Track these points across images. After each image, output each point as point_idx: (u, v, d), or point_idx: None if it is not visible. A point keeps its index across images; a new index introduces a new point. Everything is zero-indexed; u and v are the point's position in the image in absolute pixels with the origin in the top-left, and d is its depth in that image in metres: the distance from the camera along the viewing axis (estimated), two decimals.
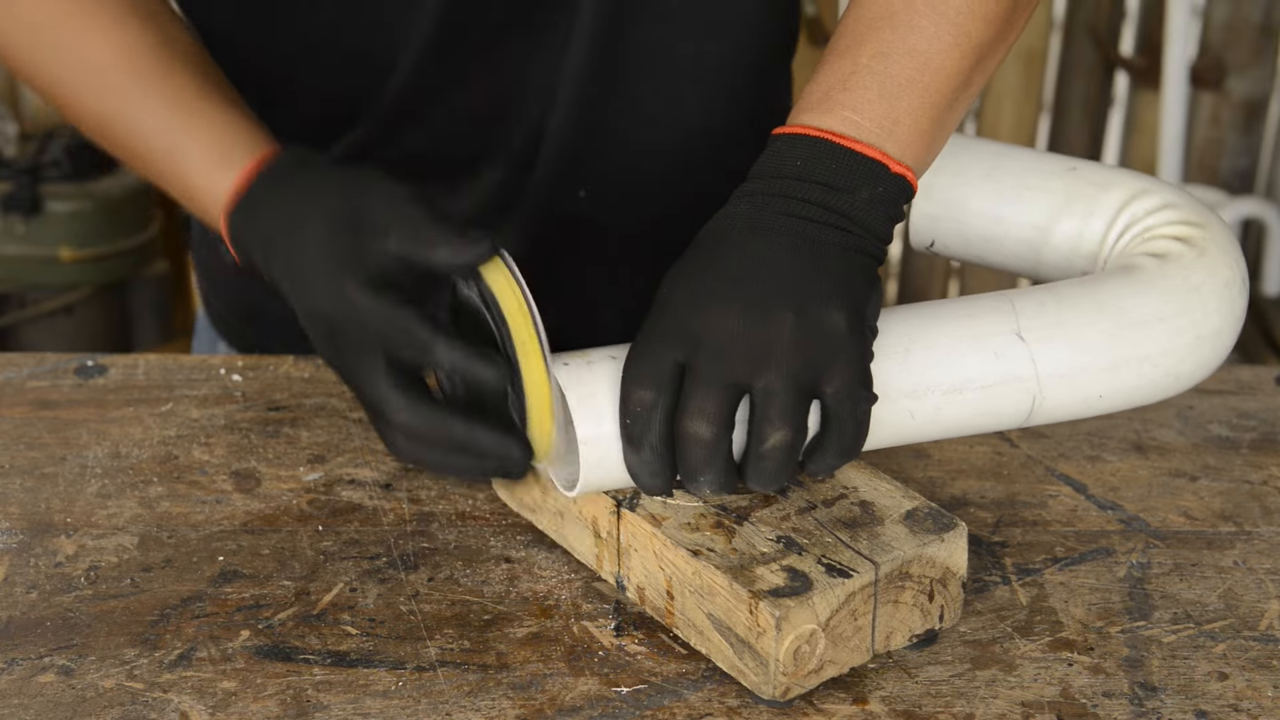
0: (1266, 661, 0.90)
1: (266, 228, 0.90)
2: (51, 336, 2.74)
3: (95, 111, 1.00)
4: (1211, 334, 0.94)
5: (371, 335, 0.84)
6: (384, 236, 0.85)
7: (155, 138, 0.97)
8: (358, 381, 0.85)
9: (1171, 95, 2.79)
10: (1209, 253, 0.96)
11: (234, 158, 0.93)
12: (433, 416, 0.84)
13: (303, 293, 0.87)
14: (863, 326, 0.85)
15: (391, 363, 0.84)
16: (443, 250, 0.84)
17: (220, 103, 0.97)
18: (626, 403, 0.84)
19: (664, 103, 1.15)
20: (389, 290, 0.84)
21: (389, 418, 0.84)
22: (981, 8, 0.91)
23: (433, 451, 0.85)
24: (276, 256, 0.89)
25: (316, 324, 0.87)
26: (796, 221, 0.86)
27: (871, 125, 0.88)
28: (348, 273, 0.84)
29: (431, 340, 0.83)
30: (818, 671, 0.86)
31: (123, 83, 0.98)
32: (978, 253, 1.07)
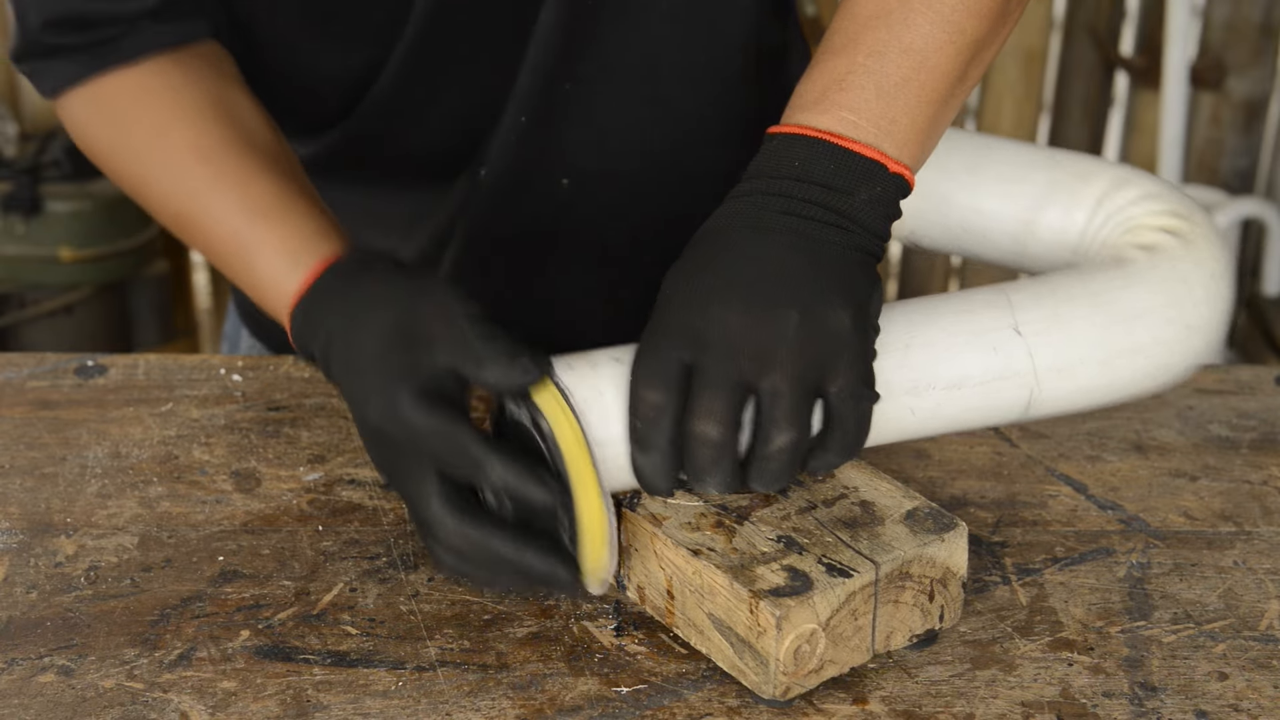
0: (1266, 661, 0.90)
1: (326, 331, 0.90)
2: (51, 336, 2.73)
3: (172, 204, 1.01)
4: (1201, 324, 0.95)
5: (423, 451, 0.84)
6: (436, 349, 0.85)
7: (229, 235, 0.98)
8: (409, 496, 0.85)
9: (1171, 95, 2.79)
10: (1196, 244, 0.97)
11: (304, 256, 0.94)
12: (480, 532, 0.83)
13: (358, 403, 0.87)
14: (866, 325, 0.85)
15: (444, 479, 0.84)
16: (493, 370, 0.84)
17: (295, 201, 0.97)
18: (635, 405, 0.84)
19: (652, 103, 1.15)
20: (442, 404, 0.84)
21: (435, 531, 0.84)
22: (975, 3, 0.91)
23: (480, 570, 0.85)
24: (334, 360, 0.89)
25: (371, 435, 0.87)
26: (796, 220, 0.86)
27: (869, 125, 0.88)
28: (400, 386, 0.84)
29: (484, 458, 0.83)
30: (818, 671, 0.86)
31: (199, 182, 0.99)
32: (962, 245, 1.07)
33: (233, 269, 0.99)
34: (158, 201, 1.02)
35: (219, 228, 0.98)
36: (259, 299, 0.98)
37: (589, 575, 0.85)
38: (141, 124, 1.01)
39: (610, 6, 1.10)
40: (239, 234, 0.97)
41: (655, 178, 1.17)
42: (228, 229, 0.98)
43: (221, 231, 0.98)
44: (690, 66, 1.14)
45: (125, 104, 1.02)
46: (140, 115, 1.01)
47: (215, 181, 0.98)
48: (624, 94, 1.14)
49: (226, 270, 1.01)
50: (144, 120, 1.01)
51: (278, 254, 0.95)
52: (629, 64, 1.13)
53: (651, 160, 1.17)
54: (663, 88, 1.15)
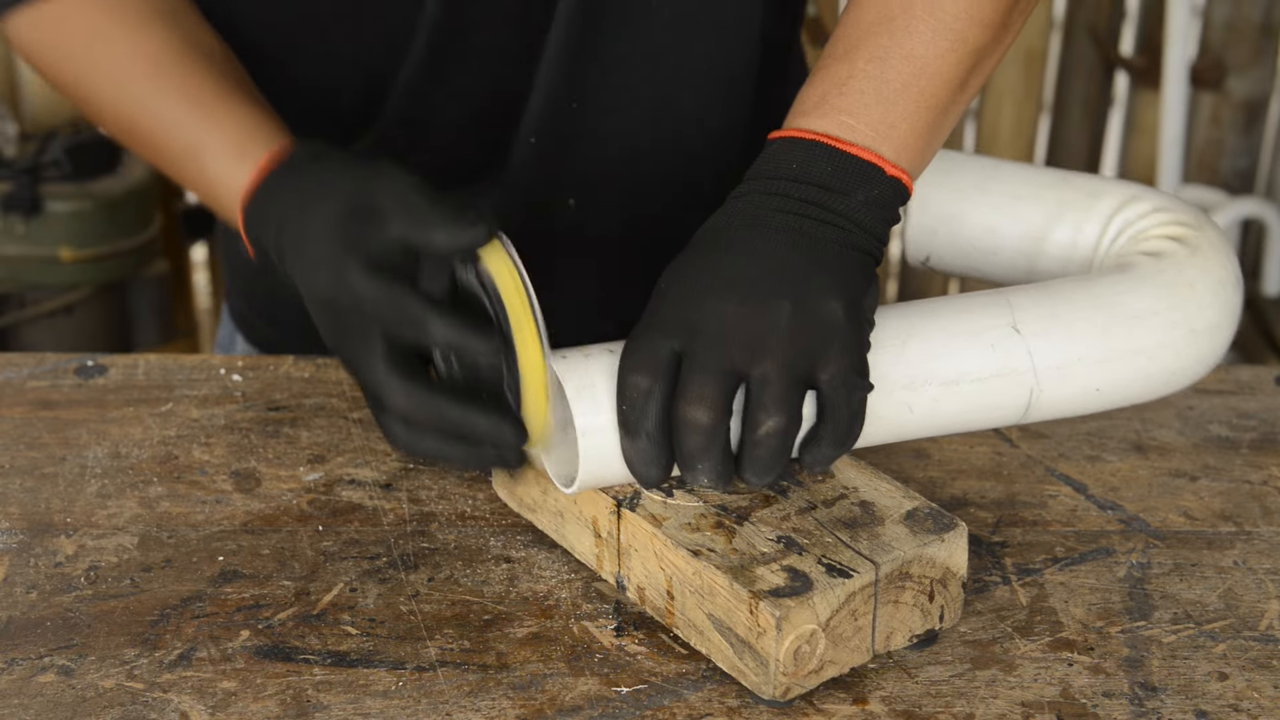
0: (1266, 661, 0.90)
1: (277, 217, 0.91)
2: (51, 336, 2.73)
3: (119, 113, 1.02)
4: (1207, 329, 0.94)
5: (370, 316, 0.85)
6: (385, 221, 0.86)
7: (176, 136, 0.99)
8: (358, 366, 0.86)
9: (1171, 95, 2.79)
10: (1202, 250, 0.97)
11: (251, 152, 0.95)
12: (429, 398, 0.84)
13: (308, 278, 0.88)
14: (859, 316, 0.85)
15: (391, 346, 0.84)
16: (440, 232, 0.85)
17: (240, 100, 0.99)
18: (623, 390, 0.85)
19: (657, 104, 1.15)
20: (389, 273, 0.85)
21: (386, 401, 0.85)
22: (978, 12, 0.91)
23: (428, 437, 0.85)
24: (285, 244, 0.90)
25: (321, 310, 0.88)
26: (794, 219, 0.86)
27: (867, 129, 0.88)
28: (349, 257, 0.85)
29: (426, 315, 0.84)
30: (818, 671, 0.86)
31: (145, 83, 1.00)
32: (973, 264, 1.08)
33: (184, 172, 1.00)
34: (107, 112, 1.03)
35: (166, 131, 1.00)
36: (211, 200, 0.99)
37: (533, 433, 0.86)
38: (84, 35, 1.02)
39: (612, 19, 1.10)
40: (185, 136, 0.98)
41: (659, 187, 1.17)
42: (174, 132, 0.99)
43: (168, 135, 1.00)
44: (694, 75, 1.14)
45: (69, 18, 1.02)
46: (83, 27, 1.02)
47: (159, 86, 1.00)
48: (628, 107, 1.14)
49: (178, 175, 1.01)
50: (87, 31, 1.02)
51: (225, 149, 0.96)
52: (633, 77, 1.13)
53: (656, 170, 1.17)
54: (667, 98, 1.15)
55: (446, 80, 1.10)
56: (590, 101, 1.12)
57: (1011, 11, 0.93)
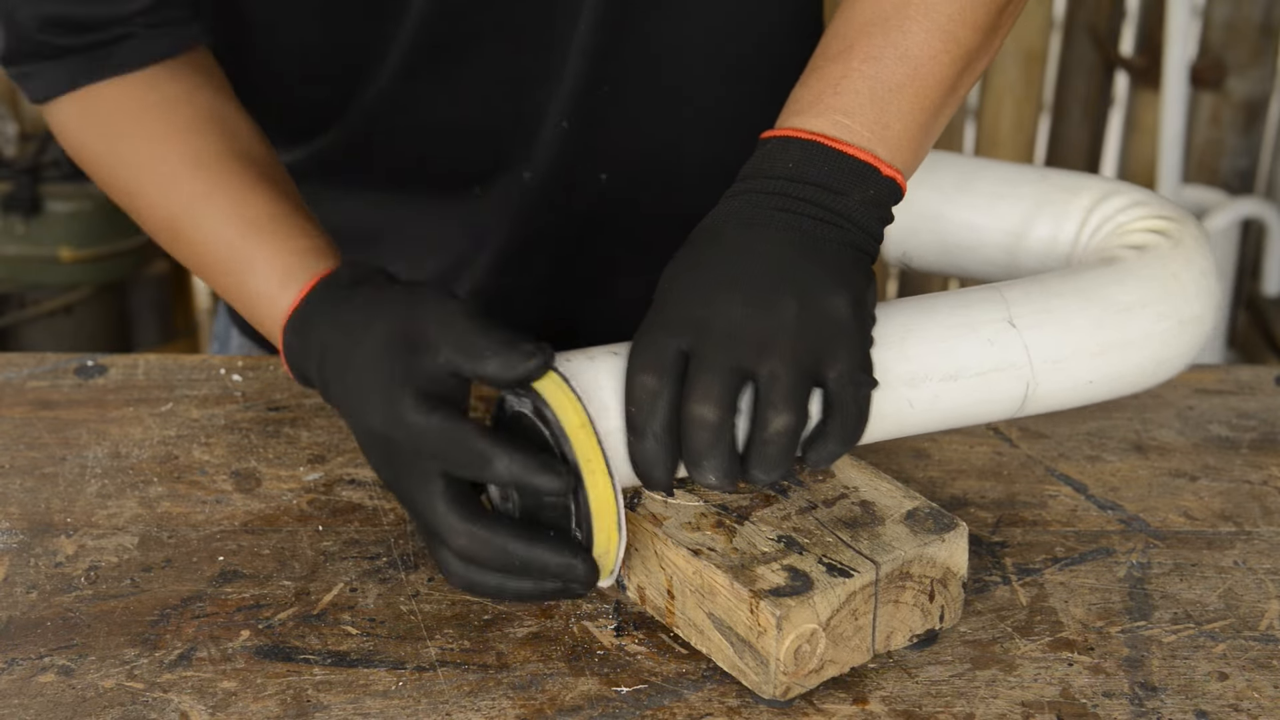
0: (1266, 661, 0.90)
1: (320, 345, 0.89)
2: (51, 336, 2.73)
3: (163, 215, 1.00)
4: (1192, 319, 0.96)
5: (427, 453, 0.82)
6: (436, 351, 0.84)
7: (221, 249, 0.97)
8: (414, 503, 0.84)
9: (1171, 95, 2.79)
10: (1184, 244, 0.99)
11: (296, 276, 0.93)
12: (493, 538, 0.82)
13: (357, 412, 0.86)
14: (864, 313, 0.85)
15: (449, 482, 0.82)
16: (494, 363, 0.83)
17: (288, 220, 0.97)
18: (631, 390, 0.84)
19: (683, 95, 1.15)
20: (443, 405, 0.83)
21: (446, 539, 0.83)
22: (971, 14, 0.92)
23: (490, 575, 0.83)
24: (330, 374, 0.88)
25: (372, 444, 0.86)
26: (792, 217, 0.86)
27: (863, 129, 0.88)
28: (401, 390, 0.83)
29: (490, 450, 0.81)
30: (818, 671, 0.86)
31: (193, 193, 0.98)
32: (954, 261, 1.08)
33: (224, 284, 0.99)
34: (148, 214, 1.01)
35: (211, 241, 0.98)
36: (251, 316, 0.97)
37: (604, 565, 0.84)
38: (135, 134, 1.00)
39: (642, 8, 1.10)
40: (232, 248, 0.96)
41: (692, 160, 1.18)
42: (220, 242, 0.97)
43: (214, 245, 0.97)
44: (722, 61, 1.15)
45: (119, 113, 1.01)
46: (134, 125, 1.00)
47: (209, 194, 0.98)
48: (659, 87, 1.14)
49: (217, 285, 1.00)
50: (138, 130, 1.00)
51: (271, 270, 0.94)
52: (663, 62, 1.13)
53: (688, 145, 1.17)
54: (697, 78, 1.15)
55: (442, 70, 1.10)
56: (622, 85, 1.12)
57: (1002, 14, 0.94)
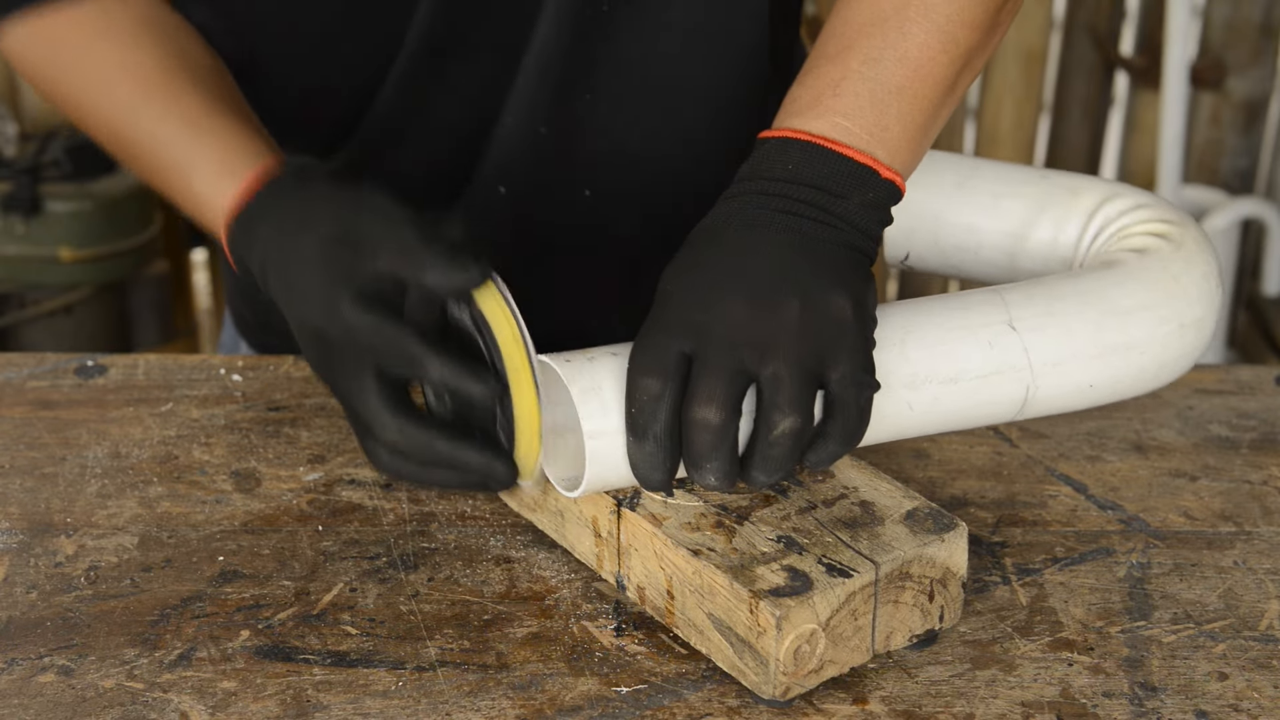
0: (1266, 661, 0.90)
1: (263, 241, 0.90)
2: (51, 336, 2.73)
3: (108, 125, 1.02)
4: (1194, 322, 0.96)
5: (363, 350, 0.84)
6: (377, 255, 0.85)
7: (163, 150, 0.99)
8: (347, 396, 0.86)
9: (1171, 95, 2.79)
10: (1185, 246, 0.98)
11: (237, 169, 0.94)
12: (420, 434, 0.84)
13: (296, 307, 0.87)
14: (865, 315, 0.85)
15: (381, 378, 0.84)
16: (433, 272, 0.84)
17: (228, 116, 0.98)
18: (633, 393, 0.84)
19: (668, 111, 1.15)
20: (381, 305, 0.84)
21: (376, 434, 0.85)
22: (969, 14, 0.92)
23: (414, 465, 0.85)
24: (271, 270, 0.89)
25: (309, 338, 0.87)
26: (791, 218, 0.86)
27: (862, 131, 0.88)
28: (340, 288, 0.85)
29: (423, 355, 0.83)
30: (818, 671, 0.86)
31: (133, 97, 1.00)
32: (954, 263, 1.08)
33: (171, 187, 1.00)
34: (97, 125, 1.03)
35: (154, 147, 0.99)
36: (197, 216, 0.98)
37: (524, 470, 0.86)
38: (77, 50, 1.02)
39: (622, 17, 1.10)
40: (172, 151, 0.98)
41: (673, 181, 1.17)
42: (161, 148, 0.99)
43: (156, 150, 0.99)
44: (704, 74, 1.14)
45: (61, 31, 1.02)
46: (76, 41, 1.02)
47: (147, 101, 0.99)
48: (641, 103, 1.14)
49: (165, 190, 1.01)
50: (79, 46, 1.02)
51: (214, 168, 0.96)
52: (645, 74, 1.13)
53: (669, 165, 1.17)
54: (678, 96, 1.15)
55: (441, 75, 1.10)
56: (603, 95, 1.12)
57: (1000, 12, 0.94)
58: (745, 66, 1.16)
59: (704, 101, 1.15)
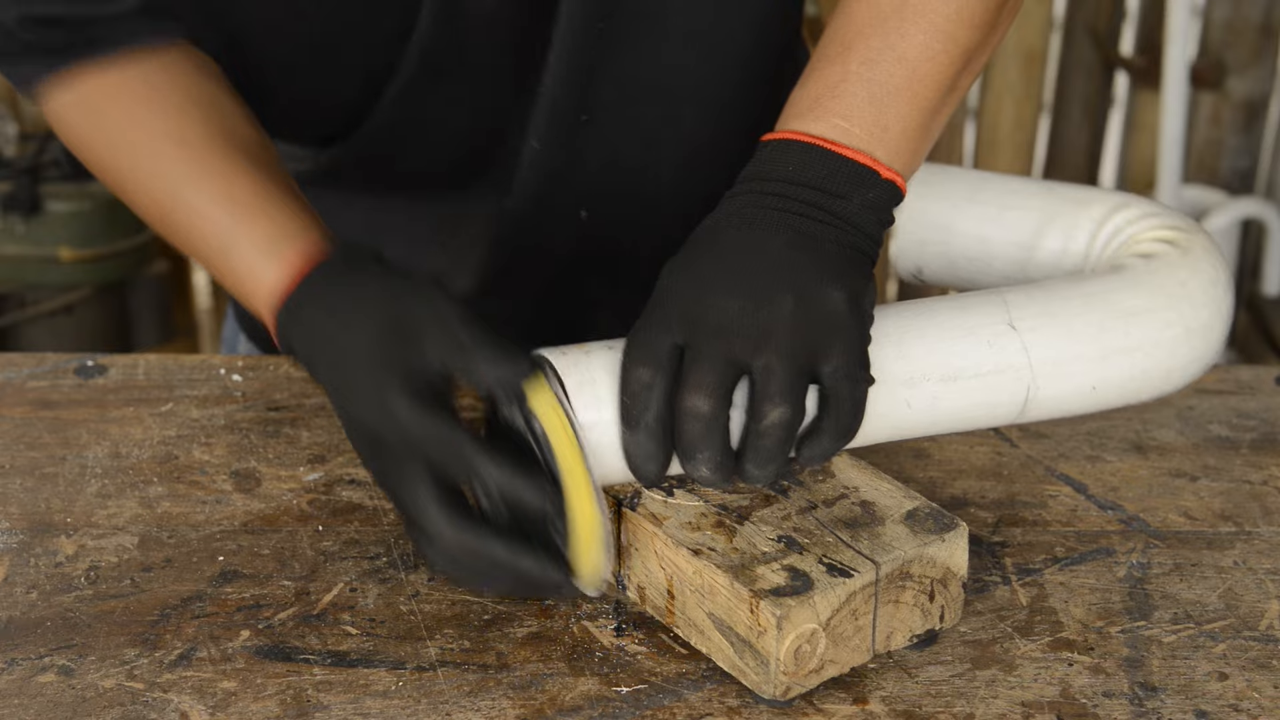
0: (1266, 661, 0.90)
1: (311, 330, 0.89)
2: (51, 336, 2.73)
3: (153, 202, 1.00)
4: (1201, 328, 0.95)
5: (416, 452, 0.83)
6: (426, 348, 0.84)
7: (209, 229, 0.97)
8: (399, 494, 0.84)
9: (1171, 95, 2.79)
10: (1193, 252, 0.98)
11: (282, 251, 0.93)
12: (475, 541, 0.83)
13: (346, 401, 0.87)
14: (861, 310, 0.86)
15: (436, 481, 0.83)
16: (485, 363, 0.84)
17: (274, 194, 0.97)
18: (625, 382, 0.85)
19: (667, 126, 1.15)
20: (434, 405, 0.83)
21: (429, 534, 0.83)
22: (969, 13, 0.92)
23: (472, 573, 0.84)
24: (321, 361, 0.88)
25: (360, 434, 0.86)
26: (791, 218, 0.86)
27: (862, 132, 0.88)
28: (391, 383, 0.84)
29: (476, 456, 0.82)
30: (818, 671, 0.86)
31: (179, 174, 0.98)
32: (964, 275, 1.08)
33: (212, 262, 0.99)
34: (138, 195, 1.02)
35: (198, 220, 0.98)
36: (239, 293, 0.97)
37: (583, 577, 0.85)
38: (121, 117, 1.01)
39: (622, 34, 1.10)
40: (218, 226, 0.97)
41: (671, 196, 1.17)
42: (207, 221, 0.97)
43: (200, 224, 0.98)
44: (704, 86, 1.14)
45: (105, 98, 1.01)
46: (119, 108, 1.01)
47: (194, 173, 0.98)
48: (640, 120, 1.14)
49: (207, 264, 1.00)
50: (123, 114, 1.01)
51: (257, 246, 0.94)
52: (645, 90, 1.12)
53: (667, 180, 1.17)
54: (677, 110, 1.14)
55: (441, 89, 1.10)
56: (602, 115, 1.12)
57: (1000, 12, 0.94)
58: (745, 71, 1.16)
59: (705, 108, 1.15)
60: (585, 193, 1.15)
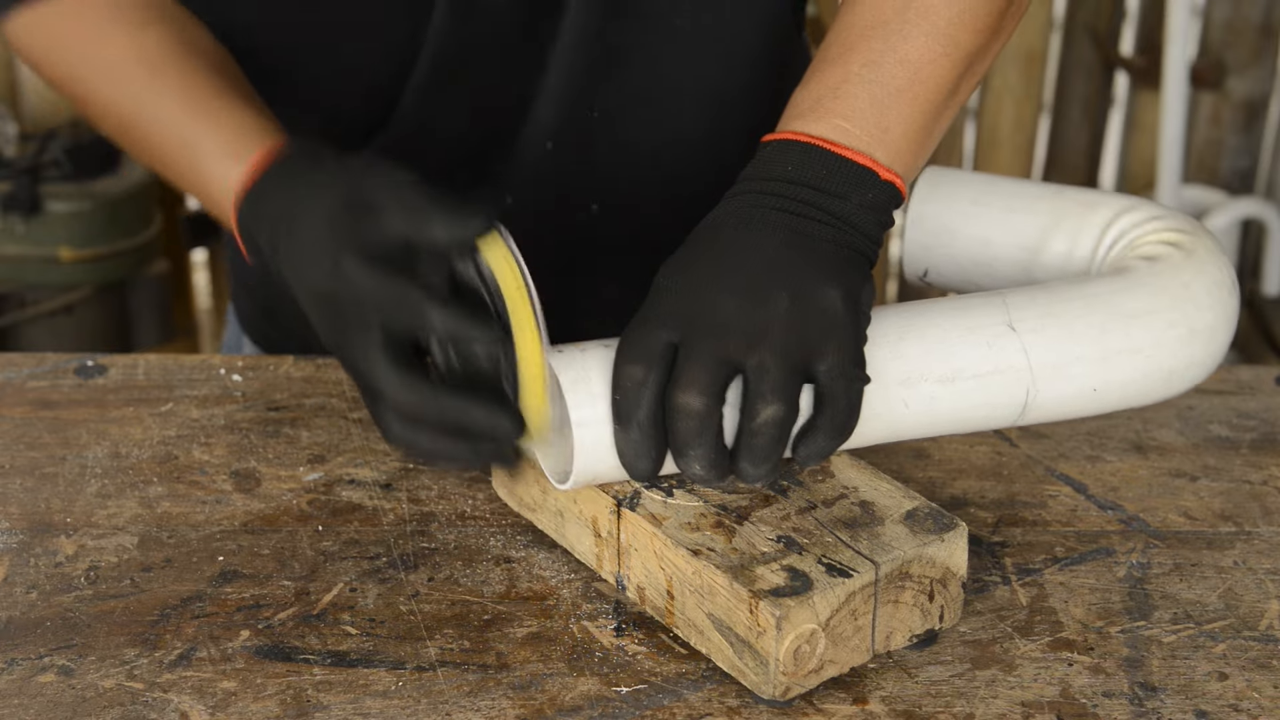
0: (1266, 661, 0.90)
1: (271, 214, 0.90)
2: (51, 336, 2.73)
3: (115, 110, 1.02)
4: (1205, 330, 0.95)
5: (368, 308, 0.84)
6: (382, 215, 0.85)
7: (171, 134, 0.99)
8: (355, 359, 0.85)
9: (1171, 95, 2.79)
10: (1197, 254, 0.98)
11: (245, 150, 0.94)
12: (426, 390, 0.83)
13: (302, 272, 0.87)
14: (857, 309, 0.86)
15: (389, 338, 0.84)
16: (438, 225, 0.84)
17: (234, 99, 0.98)
18: (618, 380, 0.85)
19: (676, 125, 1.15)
20: (385, 264, 0.84)
21: (384, 394, 0.84)
22: (971, 17, 0.92)
23: (425, 433, 0.84)
24: (279, 240, 0.89)
25: (316, 303, 0.87)
26: (790, 218, 0.87)
27: (862, 133, 0.88)
28: (345, 249, 0.84)
29: (425, 304, 0.83)
30: (818, 671, 0.86)
31: (140, 82, 1.00)
32: (970, 277, 1.08)
33: (178, 172, 1.00)
34: (103, 112, 1.03)
35: (161, 131, 0.99)
36: (205, 199, 0.98)
37: (531, 425, 0.85)
38: (82, 36, 1.02)
39: (631, 34, 1.10)
40: (180, 135, 0.98)
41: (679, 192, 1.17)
42: (169, 131, 0.99)
43: (163, 134, 0.99)
44: (711, 86, 1.15)
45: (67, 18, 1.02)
46: (80, 27, 1.02)
47: (155, 85, 0.99)
48: (650, 118, 1.14)
49: (172, 175, 1.01)
50: (84, 32, 1.02)
51: (220, 149, 0.95)
52: (653, 89, 1.13)
53: (675, 177, 1.17)
54: (685, 109, 1.15)
55: (453, 90, 1.10)
56: (612, 112, 1.12)
57: (1003, 16, 0.94)
58: (751, 70, 1.16)
59: (708, 107, 1.15)
60: (595, 188, 1.15)
